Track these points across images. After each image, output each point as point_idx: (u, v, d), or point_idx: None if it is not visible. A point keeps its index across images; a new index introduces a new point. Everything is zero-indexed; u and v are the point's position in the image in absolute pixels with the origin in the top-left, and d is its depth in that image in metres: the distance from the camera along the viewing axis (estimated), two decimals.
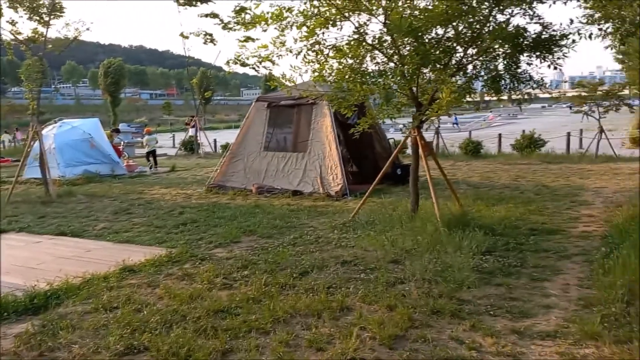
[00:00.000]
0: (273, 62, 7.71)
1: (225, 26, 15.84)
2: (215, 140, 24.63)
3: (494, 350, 3.65)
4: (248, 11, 13.17)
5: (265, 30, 6.74)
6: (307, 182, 10.94)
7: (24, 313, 4.48)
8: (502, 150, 19.88)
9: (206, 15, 22.09)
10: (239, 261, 5.86)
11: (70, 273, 5.39)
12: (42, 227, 8.05)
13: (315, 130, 11.15)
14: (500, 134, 20.88)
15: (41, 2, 11.24)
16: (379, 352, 3.63)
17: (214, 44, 22.74)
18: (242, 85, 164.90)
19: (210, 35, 22.17)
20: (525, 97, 6.89)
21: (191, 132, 25.60)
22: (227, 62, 10.37)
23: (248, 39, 13.36)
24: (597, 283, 4.85)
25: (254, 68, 8.88)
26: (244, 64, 10.67)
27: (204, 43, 22.65)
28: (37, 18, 11.17)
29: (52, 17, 11.38)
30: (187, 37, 21.25)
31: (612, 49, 15.46)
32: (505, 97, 7.80)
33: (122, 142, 18.61)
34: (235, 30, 13.99)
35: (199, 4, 22.65)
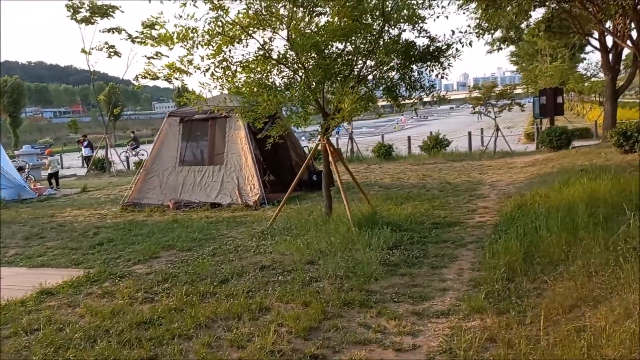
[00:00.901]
0: (187, 73, 7.90)
1: (133, 40, 15.61)
2: (127, 158, 24.00)
3: (396, 331, 4.13)
4: (157, 27, 13.19)
5: (171, 49, 6.93)
6: (225, 194, 11.13)
7: None
8: (411, 152, 21.04)
9: (109, 30, 21.62)
10: (159, 275, 6.01)
11: None
12: None
13: (230, 143, 11.38)
14: (409, 136, 22.08)
15: None
16: (295, 344, 3.99)
17: (119, 57, 22.29)
18: (153, 98, 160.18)
19: (113, 47, 21.68)
20: (418, 104, 7.56)
21: (85, 151, 24.82)
22: (136, 77, 10.41)
23: (158, 54, 13.36)
24: (484, 265, 5.51)
25: (167, 80, 9.01)
26: (154, 77, 10.73)
27: (108, 57, 22.12)
28: None
29: None
30: (89, 53, 20.62)
31: (497, 52, 16.95)
32: (405, 102, 8.45)
33: (27, 165, 17.73)
34: (145, 44, 13.94)
35: (98, 19, 22.12)
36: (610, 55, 18.13)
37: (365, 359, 3.69)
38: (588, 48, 32.85)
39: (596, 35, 18.06)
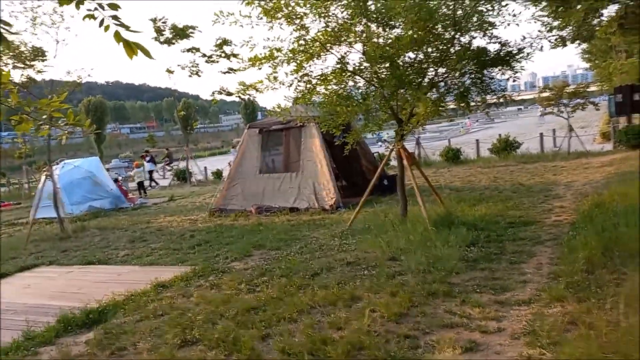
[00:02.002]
0: (257, 90, 8.63)
1: (208, 59, 16.75)
2: (205, 168, 25.41)
3: (481, 317, 4.52)
4: (229, 43, 14.13)
5: (260, 69, 7.64)
6: (303, 199, 11.79)
7: (83, 326, 5.24)
8: (480, 155, 20.96)
9: (188, 50, 23.13)
10: (256, 270, 6.68)
11: (109, 293, 6.16)
12: (68, 259, 8.78)
13: (306, 151, 12.05)
14: (477, 140, 21.98)
15: (22, 49, 12.18)
16: (387, 327, 4.47)
17: (199, 76, 23.80)
18: (220, 111, 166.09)
19: (197, 65, 23.18)
20: (489, 107, 7.87)
21: (148, 166, 25.38)
22: (213, 93, 11.31)
23: (231, 69, 14.30)
24: (563, 260, 5.76)
25: (239, 96, 9.80)
26: (229, 94, 11.60)
27: (190, 75, 23.66)
28: (22, 64, 12.12)
29: (35, 60, 12.37)
30: (172, 72, 22.19)
31: (561, 47, 16.72)
32: (475, 106, 8.75)
33: (120, 177, 19.33)
34: (217, 62, 14.91)
35: (179, 40, 23.70)
36: None
37: (454, 339, 4.11)
38: None
39: None
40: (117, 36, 2.25)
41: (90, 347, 4.64)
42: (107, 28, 2.26)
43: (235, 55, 14.70)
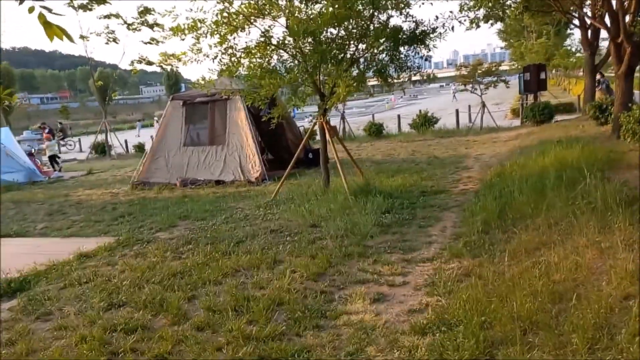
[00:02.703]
0: (179, 60, 8.64)
1: (129, 27, 16.25)
2: (126, 141, 24.66)
3: (389, 273, 5.01)
4: (152, 12, 13.78)
5: (183, 39, 7.65)
6: (228, 172, 11.93)
7: (3, 295, 5.23)
8: (402, 130, 21.85)
9: (106, 17, 22.12)
10: (182, 239, 6.85)
11: (30, 263, 6.12)
12: None
13: (231, 124, 12.14)
14: (399, 115, 22.87)
15: None
16: (307, 285, 4.85)
17: (117, 43, 22.88)
18: (140, 82, 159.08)
19: (113, 32, 22.23)
20: (412, 83, 8.38)
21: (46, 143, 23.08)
22: (132, 62, 11.08)
23: (153, 39, 13.97)
24: (464, 223, 6.40)
25: (160, 67, 9.71)
26: (149, 63, 11.39)
27: (107, 43, 22.68)
28: None
29: None
30: (87, 39, 21.17)
31: (475, 29, 17.72)
32: (394, 82, 9.22)
33: (33, 150, 18.39)
34: (139, 30, 14.50)
35: (95, 6, 22.62)
36: (589, 32, 18.95)
37: (364, 293, 4.56)
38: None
39: (577, 13, 18.84)
40: (41, 18, 2.35)
41: (15, 313, 4.68)
42: (31, 9, 2.36)
43: (158, 25, 14.35)
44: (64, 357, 3.66)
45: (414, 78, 8.90)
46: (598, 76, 19.24)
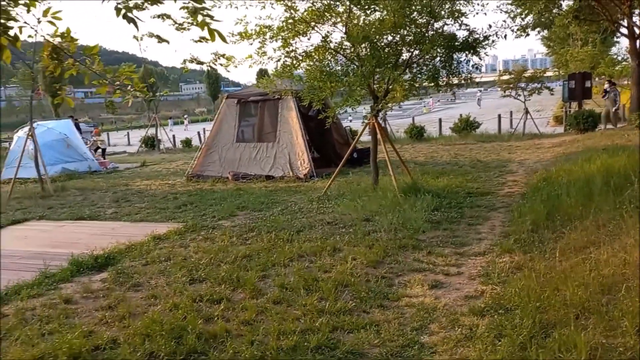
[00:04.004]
0: (229, 59, 9.19)
1: (179, 27, 17.07)
2: (174, 136, 25.61)
3: (444, 264, 5.41)
4: (201, 12, 14.57)
5: (251, 44, 8.20)
6: (278, 168, 12.47)
7: (92, 269, 5.85)
8: (442, 133, 22.05)
9: (158, 17, 23.18)
10: (245, 227, 7.38)
11: (108, 244, 6.74)
12: (57, 215, 9.23)
13: (283, 122, 12.68)
14: (440, 119, 23.07)
15: None
16: (366, 270, 5.30)
17: (168, 43, 23.89)
18: (180, 80, 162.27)
19: (158, 36, 23.29)
20: (458, 87, 8.73)
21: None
22: (184, 61, 11.71)
23: (202, 38, 14.70)
24: (513, 222, 6.73)
25: (210, 66, 10.29)
26: (200, 63, 12.02)
27: (159, 42, 23.73)
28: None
29: None
30: (141, 39, 22.18)
31: (524, 37, 17.81)
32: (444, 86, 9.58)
33: (87, 142, 19.42)
34: (188, 30, 15.26)
35: (148, 5, 23.72)
36: (638, 42, 18.77)
37: (422, 280, 4.97)
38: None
39: (625, 22, 18.70)
40: (203, 24, 2.89)
41: (108, 283, 5.28)
42: (203, 25, 2.91)
43: (207, 25, 15.06)
44: (160, 320, 4.18)
45: (454, 82, 9.23)
46: (606, 85, 19.02)
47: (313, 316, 4.16)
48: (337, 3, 8.12)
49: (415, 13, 8.10)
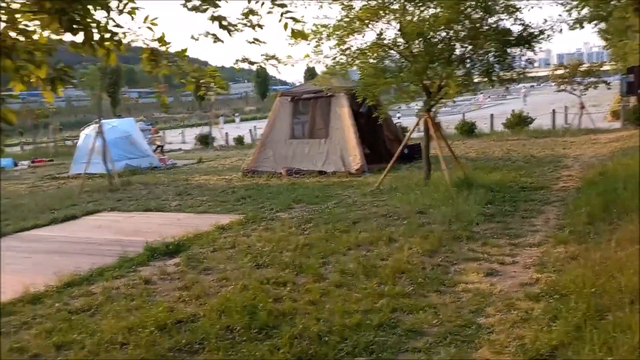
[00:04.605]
0: (279, 60, 9.54)
1: (234, 28, 17.64)
2: (227, 134, 26.41)
3: (498, 254, 5.56)
4: (256, 13, 15.01)
5: (309, 44, 8.53)
6: (330, 163, 12.78)
7: (165, 254, 6.33)
8: (494, 129, 21.79)
9: (214, 19, 23.99)
10: (302, 219, 7.73)
11: (176, 233, 7.23)
12: (126, 207, 9.88)
13: (335, 119, 12.98)
14: (492, 114, 22.80)
15: None
16: (423, 259, 5.51)
17: (222, 42, 24.72)
18: (229, 79, 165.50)
19: (215, 35, 24.14)
20: (510, 82, 8.78)
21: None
22: (236, 61, 12.20)
23: (256, 40, 15.18)
24: (569, 215, 6.76)
25: (260, 66, 10.71)
26: (251, 63, 12.48)
27: (214, 42, 24.58)
28: None
29: None
30: (197, 39, 23.06)
31: (579, 29, 17.39)
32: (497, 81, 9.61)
33: (149, 139, 20.36)
34: (241, 31, 15.78)
35: (206, 7, 24.57)
36: None
37: (477, 268, 5.15)
38: None
39: None
40: (287, 26, 3.23)
41: (181, 267, 5.73)
42: (286, 26, 3.27)
43: (260, 26, 15.54)
44: (233, 299, 4.54)
45: (508, 76, 9.24)
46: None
47: (373, 298, 4.43)
48: (392, 0, 8.32)
49: (470, 9, 8.21)
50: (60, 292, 5.13)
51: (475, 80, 9.42)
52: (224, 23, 4.57)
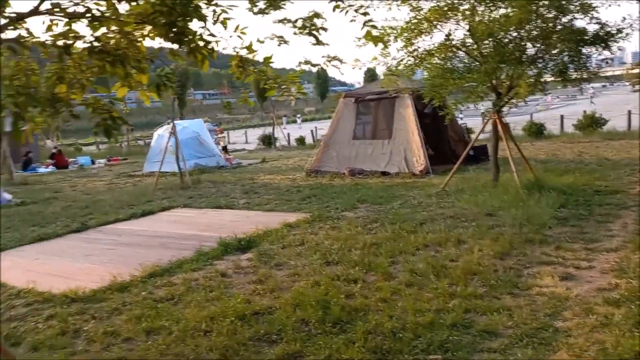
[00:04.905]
0: (342, 61, 9.62)
1: (299, 30, 17.94)
2: (288, 134, 26.88)
3: (573, 258, 5.42)
4: (320, 16, 15.23)
5: (376, 47, 8.58)
6: (393, 164, 12.78)
7: (237, 249, 6.59)
8: (564, 130, 20.99)
9: (280, 21, 24.53)
10: (367, 218, 7.81)
11: (247, 229, 7.49)
12: (198, 204, 10.33)
13: (399, 120, 12.97)
14: (562, 115, 22.00)
15: None
16: (494, 261, 5.47)
17: (288, 44, 25.23)
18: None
19: (282, 37, 24.65)
20: (585, 82, 8.48)
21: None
22: (299, 63, 12.42)
23: (320, 42, 15.42)
24: None
25: (322, 67, 10.85)
26: (313, 65, 12.69)
27: (278, 45, 25.16)
28: None
29: None
30: (263, 42, 23.67)
31: None
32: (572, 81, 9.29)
33: (215, 139, 21.10)
34: (303, 34, 16.10)
35: (271, 11, 25.17)
36: None
37: (551, 272, 5.05)
38: None
39: None
40: (369, 33, 3.37)
41: (254, 261, 5.96)
42: (368, 34, 3.41)
43: (324, 29, 15.76)
44: (307, 293, 4.70)
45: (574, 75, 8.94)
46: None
47: (445, 298, 4.46)
48: (462, 1, 8.26)
49: (542, 8, 8.01)
50: (144, 282, 5.48)
51: (547, 80, 9.17)
52: (290, 26, 4.72)
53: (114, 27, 2.90)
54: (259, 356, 3.70)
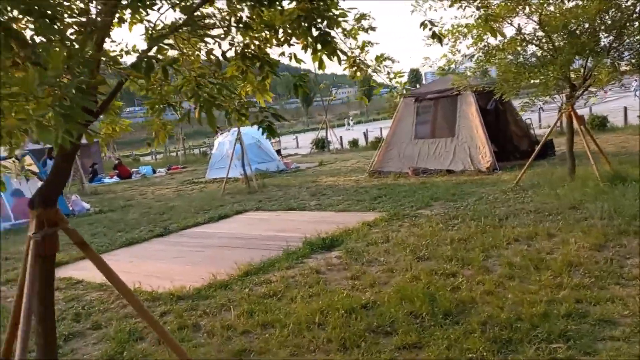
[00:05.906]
0: (393, 61, 9.62)
1: (348, 33, 18.06)
2: (341, 137, 27.02)
3: None
4: (367, 17, 15.35)
5: (446, 44, 8.62)
6: (458, 162, 12.68)
7: (322, 248, 6.72)
8: (627, 123, 20.23)
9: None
10: (445, 215, 7.80)
11: (327, 229, 7.62)
12: (269, 206, 10.56)
13: (462, 117, 12.87)
14: (625, 107, 21.24)
15: None
16: (591, 253, 5.38)
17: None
18: (330, 85, 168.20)
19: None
20: None
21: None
22: (346, 67, 12.50)
23: (368, 43, 15.54)
24: None
25: (375, 70, 10.87)
26: (361, 68, 12.77)
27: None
28: None
29: None
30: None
31: None
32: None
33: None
34: (351, 37, 16.26)
35: None
36: None
37: None
38: None
39: None
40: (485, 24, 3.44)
41: (344, 259, 6.08)
42: (434, 35, 3.46)
43: (373, 29, 15.83)
44: (407, 289, 4.76)
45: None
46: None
47: (553, 290, 4.43)
48: None
49: None
50: (242, 280, 5.68)
51: (622, 69, 8.94)
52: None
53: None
54: (378, 347, 3.79)
